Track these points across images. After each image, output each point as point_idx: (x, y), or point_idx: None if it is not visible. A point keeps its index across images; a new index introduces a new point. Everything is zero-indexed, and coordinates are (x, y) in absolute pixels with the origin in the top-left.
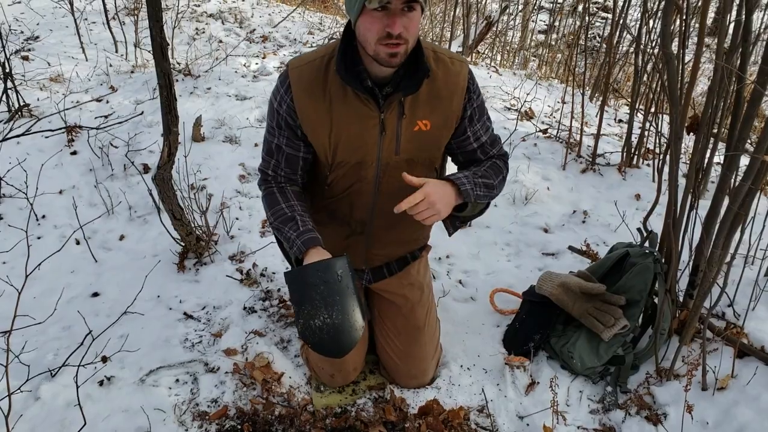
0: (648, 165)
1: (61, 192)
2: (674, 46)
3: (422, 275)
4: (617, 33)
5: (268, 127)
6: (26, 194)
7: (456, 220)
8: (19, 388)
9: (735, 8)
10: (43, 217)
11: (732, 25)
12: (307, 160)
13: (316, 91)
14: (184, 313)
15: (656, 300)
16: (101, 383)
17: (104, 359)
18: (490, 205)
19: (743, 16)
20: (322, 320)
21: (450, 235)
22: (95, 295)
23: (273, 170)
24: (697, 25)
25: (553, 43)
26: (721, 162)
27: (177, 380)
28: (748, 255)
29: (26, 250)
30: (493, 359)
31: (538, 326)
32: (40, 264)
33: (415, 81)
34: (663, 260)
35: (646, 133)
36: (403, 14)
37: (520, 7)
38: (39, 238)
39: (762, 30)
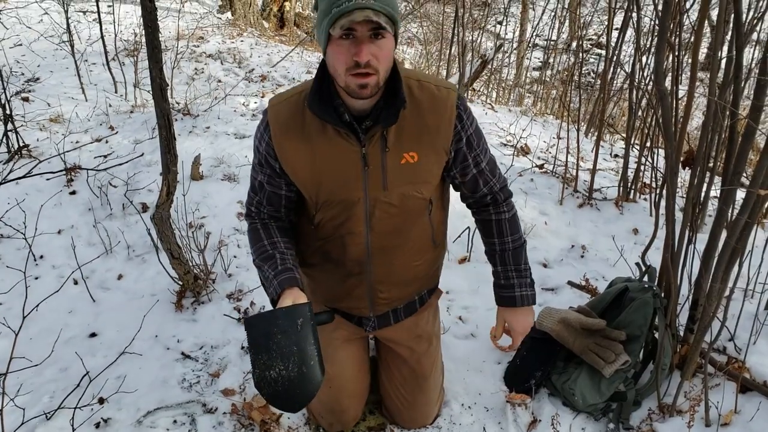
0: (645, 199)
1: (59, 232)
2: (667, 82)
3: (431, 324)
4: (611, 69)
5: (253, 164)
6: (24, 235)
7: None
8: None
9: (726, 45)
10: (41, 257)
11: (724, 61)
12: (290, 198)
13: (294, 128)
14: (182, 353)
15: (656, 335)
16: (98, 425)
17: (101, 401)
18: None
19: (734, 53)
20: (277, 372)
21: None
22: (93, 335)
23: (256, 207)
24: (689, 61)
25: (548, 79)
26: (718, 196)
27: (175, 421)
28: (747, 288)
29: (24, 291)
30: (495, 397)
31: (539, 363)
32: (38, 305)
33: (392, 112)
34: (662, 295)
35: (642, 167)
36: (370, 42)
37: (515, 45)
38: (37, 278)
39: (753, 66)
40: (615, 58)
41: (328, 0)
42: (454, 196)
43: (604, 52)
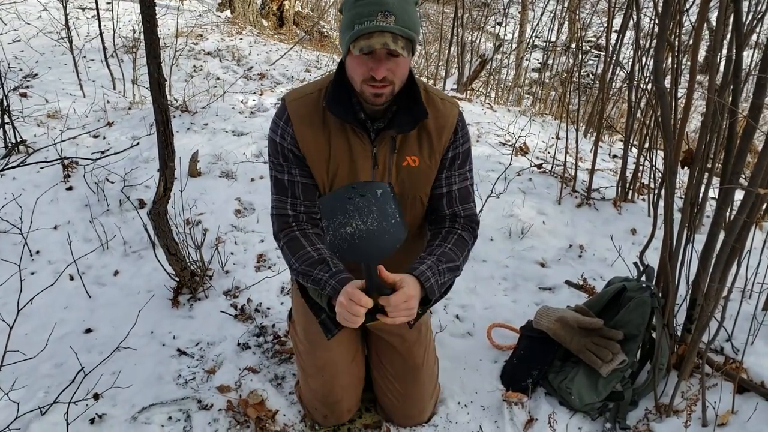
0: (643, 199)
1: (56, 227)
2: (667, 82)
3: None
4: (610, 70)
5: (276, 165)
6: (20, 230)
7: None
8: (7, 427)
9: (725, 45)
10: (38, 252)
11: (723, 62)
12: (317, 189)
13: (315, 122)
14: (178, 350)
15: (654, 335)
16: (92, 421)
17: (96, 396)
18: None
19: (734, 53)
20: (354, 227)
21: (411, 327)
22: (88, 331)
23: (292, 208)
24: (688, 62)
25: (547, 80)
26: (716, 196)
27: (170, 418)
28: (745, 289)
29: (20, 286)
30: (491, 396)
31: (536, 362)
32: (32, 299)
33: (410, 120)
34: (660, 294)
35: (640, 167)
36: (388, 59)
37: (514, 46)
38: (33, 273)
39: (752, 67)
40: (614, 58)
41: (352, 14)
42: None
43: (603, 53)
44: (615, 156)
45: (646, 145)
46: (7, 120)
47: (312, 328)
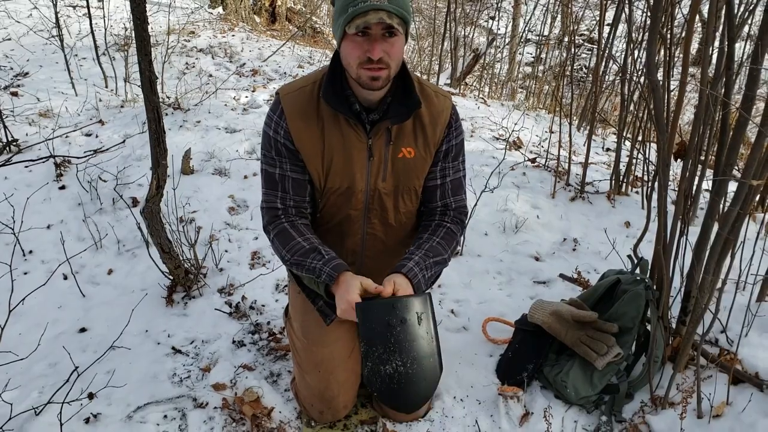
0: (637, 192)
1: (49, 227)
2: (659, 75)
3: None
4: (603, 63)
5: (267, 159)
6: (13, 229)
7: None
8: (1, 427)
9: (718, 38)
10: (30, 252)
11: (715, 54)
12: (312, 184)
13: (309, 116)
14: (173, 348)
15: (649, 327)
16: (87, 421)
17: (90, 396)
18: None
19: (726, 45)
20: (393, 368)
21: None
22: (82, 330)
23: (281, 202)
24: (681, 55)
25: (540, 74)
26: (710, 188)
27: (165, 416)
28: (739, 280)
29: (11, 286)
30: (487, 390)
31: (532, 355)
32: (24, 299)
33: (404, 110)
34: (654, 287)
35: (634, 160)
36: (383, 39)
37: (507, 41)
38: (26, 273)
39: (745, 59)
40: (607, 52)
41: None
42: None
43: (596, 47)
44: (608, 149)
45: (640, 138)
46: None
47: (309, 324)
